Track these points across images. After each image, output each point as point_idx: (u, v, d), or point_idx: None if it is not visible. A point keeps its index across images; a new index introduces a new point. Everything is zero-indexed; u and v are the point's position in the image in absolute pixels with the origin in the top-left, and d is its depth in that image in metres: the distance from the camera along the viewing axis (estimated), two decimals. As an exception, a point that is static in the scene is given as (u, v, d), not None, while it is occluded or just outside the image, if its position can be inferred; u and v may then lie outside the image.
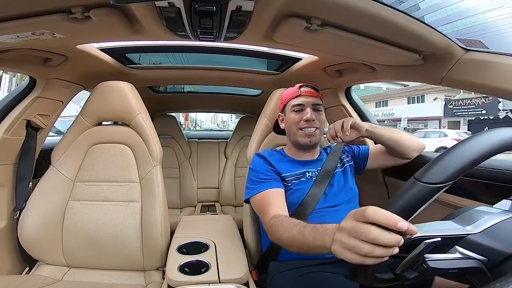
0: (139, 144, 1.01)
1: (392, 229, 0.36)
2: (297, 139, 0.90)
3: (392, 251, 0.37)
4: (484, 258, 0.39)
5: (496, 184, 0.75)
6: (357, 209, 0.41)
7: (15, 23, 0.62)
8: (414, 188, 0.39)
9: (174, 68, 1.42)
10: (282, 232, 0.64)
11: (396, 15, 0.62)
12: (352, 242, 0.39)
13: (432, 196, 0.38)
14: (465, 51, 0.74)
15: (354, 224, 0.40)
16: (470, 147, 0.40)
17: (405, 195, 0.39)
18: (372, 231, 0.37)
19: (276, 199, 0.80)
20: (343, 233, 0.42)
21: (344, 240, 0.41)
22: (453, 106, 13.10)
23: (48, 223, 0.94)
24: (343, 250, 0.41)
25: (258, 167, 0.88)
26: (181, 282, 0.72)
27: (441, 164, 0.39)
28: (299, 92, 0.90)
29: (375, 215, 0.37)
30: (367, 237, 0.37)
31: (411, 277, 0.41)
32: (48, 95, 1.08)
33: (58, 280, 0.92)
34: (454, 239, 0.40)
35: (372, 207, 0.38)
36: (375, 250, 0.37)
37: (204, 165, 2.15)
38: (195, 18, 0.62)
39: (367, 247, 0.37)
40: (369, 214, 0.37)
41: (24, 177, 1.04)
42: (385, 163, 1.00)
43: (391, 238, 0.36)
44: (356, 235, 0.39)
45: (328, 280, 0.74)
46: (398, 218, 0.36)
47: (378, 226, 0.37)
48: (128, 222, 0.96)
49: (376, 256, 0.37)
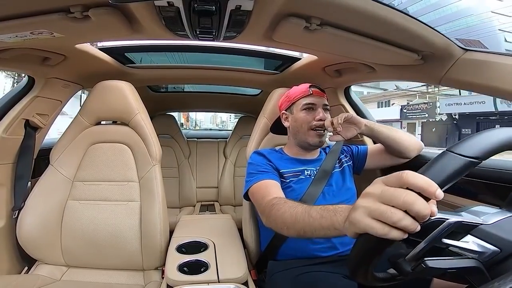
0: (138, 144, 1.00)
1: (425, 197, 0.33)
2: (306, 139, 0.90)
3: (417, 226, 0.33)
4: (497, 248, 0.39)
5: (496, 184, 0.75)
6: (387, 175, 0.37)
7: (14, 22, 0.62)
8: (448, 159, 0.37)
9: (173, 68, 1.41)
10: (285, 210, 0.60)
11: (396, 15, 0.62)
12: (382, 207, 0.34)
13: (465, 171, 0.37)
14: (464, 51, 0.74)
15: (387, 188, 0.35)
16: (503, 132, 0.40)
17: (437, 166, 0.37)
18: (410, 194, 0.32)
19: (275, 187, 0.79)
20: (370, 198, 0.36)
21: (371, 205, 0.35)
22: (407, 110, 14.64)
23: (47, 222, 0.94)
24: (367, 218, 0.35)
25: (257, 161, 0.89)
26: (180, 282, 0.72)
27: (478, 139, 0.39)
28: (310, 92, 0.90)
29: (414, 178, 0.33)
30: (404, 200, 0.32)
31: (410, 273, 0.41)
32: (47, 95, 1.08)
33: (57, 279, 0.92)
34: (468, 227, 0.40)
35: (409, 171, 0.34)
36: (406, 219, 0.32)
37: (203, 165, 2.15)
38: (194, 18, 0.62)
39: (399, 213, 0.33)
40: (408, 176, 0.33)
41: (22, 177, 1.04)
42: (384, 163, 1.00)
43: (426, 206, 0.32)
44: (389, 199, 0.34)
45: (326, 280, 0.74)
46: (436, 185, 0.33)
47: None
48: (127, 221, 0.96)
49: (403, 228, 0.33)
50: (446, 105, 12.84)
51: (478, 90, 0.77)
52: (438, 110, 13.04)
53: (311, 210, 0.52)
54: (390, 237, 0.33)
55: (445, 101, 13.15)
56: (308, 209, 0.54)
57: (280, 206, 0.63)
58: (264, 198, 0.73)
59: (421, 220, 0.33)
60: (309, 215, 0.52)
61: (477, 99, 11.52)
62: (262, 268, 0.90)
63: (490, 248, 0.39)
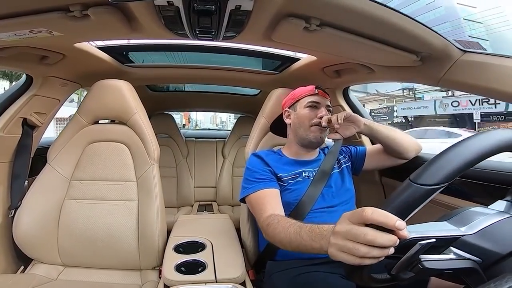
0: (136, 143, 1.00)
1: (388, 229, 0.36)
2: (307, 135, 0.91)
3: (388, 251, 0.37)
4: (478, 259, 0.39)
5: (491, 185, 0.76)
6: (352, 211, 0.41)
7: (13, 21, 0.61)
8: (410, 189, 0.39)
9: (172, 67, 1.41)
10: (279, 231, 0.64)
11: (395, 16, 0.62)
12: (348, 245, 0.39)
13: (427, 198, 0.39)
14: (463, 53, 0.75)
15: (350, 227, 0.40)
16: (464, 149, 0.40)
17: (400, 197, 0.40)
18: (369, 232, 0.37)
19: (272, 198, 0.80)
20: (338, 236, 0.42)
21: (339, 243, 0.41)
22: (374, 114, 16.18)
23: (43, 221, 0.94)
24: (340, 253, 0.41)
25: (255, 166, 0.88)
26: (177, 282, 0.72)
27: (436, 166, 0.40)
28: (316, 91, 0.92)
29: (373, 215, 0.37)
30: (364, 239, 0.37)
31: (406, 277, 0.42)
32: (45, 93, 1.07)
33: (53, 279, 0.91)
34: (449, 240, 0.40)
35: (370, 207, 0.38)
36: (372, 251, 0.37)
37: (201, 165, 2.14)
38: (194, 17, 0.62)
39: (363, 249, 0.37)
40: (367, 214, 0.37)
41: (19, 175, 1.03)
42: (382, 164, 1.00)
43: (387, 238, 0.36)
44: (352, 237, 0.39)
45: (324, 280, 0.74)
46: (396, 217, 0.36)
47: (374, 227, 0.37)
48: (125, 221, 0.95)
49: (372, 257, 0.37)
50: (402, 109, 15.03)
51: (476, 91, 0.78)
52: (395, 113, 15.37)
53: (302, 232, 0.56)
54: (364, 264, 0.38)
55: (401, 105, 15.28)
56: (299, 230, 0.57)
57: (275, 226, 0.66)
58: (261, 215, 0.76)
59: (390, 247, 0.37)
60: (301, 237, 0.56)
61: (423, 104, 13.67)
62: (261, 269, 0.90)
63: (471, 259, 0.39)
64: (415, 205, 0.39)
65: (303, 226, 0.57)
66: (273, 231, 0.66)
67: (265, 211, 0.75)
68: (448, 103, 12.18)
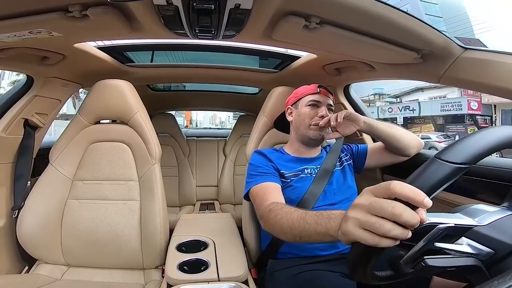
0: (137, 143, 1.00)
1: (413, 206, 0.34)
2: (307, 133, 0.91)
3: (408, 233, 0.34)
4: (491, 250, 0.38)
5: (494, 182, 0.76)
6: (375, 185, 0.37)
7: (12, 22, 0.61)
8: (436, 166, 0.37)
9: (173, 66, 1.41)
10: (281, 216, 0.61)
11: (395, 14, 0.62)
12: (371, 219, 0.35)
13: (453, 177, 0.37)
14: (464, 50, 0.74)
15: (374, 199, 0.36)
16: (490, 134, 0.40)
17: (425, 173, 0.37)
18: (397, 205, 0.33)
19: (275, 190, 0.80)
20: (359, 210, 0.37)
21: (360, 217, 0.36)
22: None
23: (47, 222, 0.94)
24: (358, 229, 0.36)
25: (258, 161, 0.89)
26: (180, 281, 0.73)
27: (463, 145, 0.39)
28: (318, 90, 0.92)
29: (401, 189, 0.33)
30: (392, 212, 0.33)
31: (409, 273, 0.42)
32: (45, 94, 1.07)
33: (58, 279, 0.92)
34: (463, 229, 0.40)
35: (396, 181, 0.35)
36: (395, 229, 0.33)
37: (203, 164, 2.15)
38: (193, 16, 0.62)
39: (388, 225, 0.33)
40: (395, 187, 0.34)
41: (22, 176, 1.04)
42: (383, 161, 1.00)
43: (414, 215, 0.33)
44: (377, 210, 0.35)
45: (326, 278, 0.74)
46: (424, 194, 0.33)
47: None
48: (127, 220, 0.96)
49: (393, 237, 0.34)
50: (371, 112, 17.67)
51: (478, 88, 0.77)
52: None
53: (307, 216, 0.53)
54: (381, 245, 0.35)
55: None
56: (303, 215, 0.54)
57: (277, 212, 0.64)
58: (262, 203, 0.75)
59: (411, 228, 0.34)
60: (305, 221, 0.52)
61: (372, 110, 14.97)
62: (262, 267, 0.90)
63: (484, 250, 0.39)
64: (440, 183, 0.36)
65: (309, 212, 0.55)
66: (274, 217, 0.64)
67: (267, 200, 0.74)
68: (386, 109, 16.06)
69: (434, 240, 0.38)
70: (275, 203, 0.70)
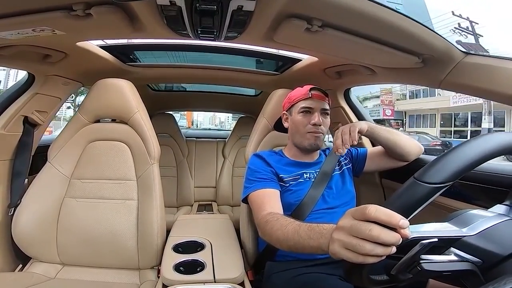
0: (137, 142, 1.00)
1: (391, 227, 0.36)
2: (303, 141, 0.90)
3: (391, 250, 0.36)
4: (479, 260, 0.39)
5: (490, 188, 0.76)
6: (355, 208, 0.40)
7: (16, 19, 0.62)
8: (414, 187, 0.39)
9: (174, 67, 1.41)
10: (277, 229, 0.63)
11: (397, 18, 0.62)
12: (352, 241, 0.38)
13: (431, 196, 0.38)
14: (465, 55, 0.74)
15: (354, 222, 0.39)
16: (469, 149, 0.40)
17: (404, 195, 0.39)
18: (374, 228, 0.36)
19: (272, 198, 0.80)
20: (341, 232, 0.40)
21: (343, 239, 0.39)
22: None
23: (43, 220, 0.93)
24: (343, 249, 0.40)
25: (256, 166, 0.88)
26: (176, 281, 0.72)
27: (441, 165, 0.39)
28: (309, 95, 0.89)
29: (376, 213, 0.36)
30: (369, 235, 0.36)
31: (405, 279, 0.42)
32: (46, 92, 1.07)
33: (52, 277, 0.91)
34: (450, 241, 0.40)
35: (373, 205, 0.37)
36: (376, 249, 0.36)
37: (201, 164, 2.14)
38: (196, 17, 0.62)
39: (368, 246, 0.36)
40: (370, 212, 0.37)
41: (20, 173, 1.03)
42: (383, 166, 1.00)
43: (392, 235, 0.36)
44: (356, 233, 0.38)
45: (323, 281, 0.74)
46: (399, 216, 0.35)
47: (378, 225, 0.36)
48: (124, 220, 0.95)
49: (376, 255, 0.37)
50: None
51: (478, 94, 0.77)
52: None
53: (300, 230, 0.55)
54: (367, 262, 0.37)
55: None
56: (297, 228, 0.57)
57: (273, 224, 0.66)
58: (259, 213, 0.75)
59: (393, 245, 0.36)
60: (299, 235, 0.55)
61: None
62: (260, 269, 0.90)
63: (472, 260, 0.39)
64: (419, 203, 0.38)
65: (302, 225, 0.57)
66: (270, 228, 0.66)
67: (264, 209, 0.75)
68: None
69: (420, 253, 0.38)
70: (271, 214, 0.71)
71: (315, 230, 0.51)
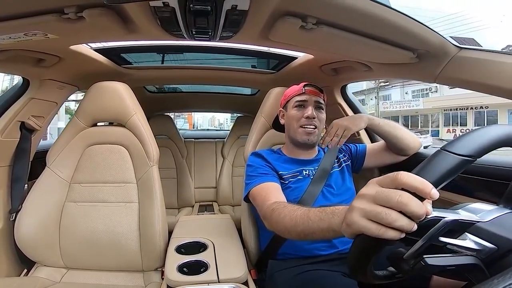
0: (135, 145, 1.00)
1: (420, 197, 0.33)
2: (296, 136, 0.91)
3: (413, 225, 0.33)
4: (494, 246, 0.39)
5: (492, 181, 0.76)
6: (382, 176, 0.37)
7: (7, 24, 0.61)
8: (443, 158, 0.37)
9: (170, 68, 1.41)
10: (285, 215, 0.61)
11: (391, 14, 0.62)
12: (377, 209, 0.34)
13: (459, 169, 0.37)
14: (459, 49, 0.75)
15: (381, 189, 0.35)
16: (496, 129, 0.41)
17: (433, 165, 0.37)
18: (404, 195, 0.32)
19: (276, 190, 0.80)
20: (365, 200, 0.36)
21: (366, 207, 0.35)
22: None
23: (45, 224, 0.94)
24: (363, 219, 0.35)
25: (256, 163, 0.89)
26: (180, 282, 0.72)
27: (470, 138, 0.39)
28: (303, 90, 0.91)
29: (409, 179, 0.33)
30: (398, 201, 0.32)
31: (409, 272, 0.42)
32: (42, 96, 1.07)
33: (57, 281, 0.91)
34: (465, 225, 0.40)
35: (404, 172, 0.34)
36: (401, 219, 0.33)
37: (201, 165, 2.14)
38: (190, 18, 0.62)
39: (394, 214, 0.33)
40: (402, 177, 0.33)
41: (19, 179, 1.03)
42: (382, 161, 1.01)
43: (421, 205, 0.32)
44: (383, 200, 0.34)
45: (326, 278, 0.74)
46: (431, 185, 0.33)
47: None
48: (126, 223, 0.96)
49: (399, 228, 0.33)
50: None
51: (473, 87, 0.78)
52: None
53: (310, 213, 0.53)
54: (386, 237, 0.33)
55: None
56: (307, 212, 0.54)
57: (280, 211, 0.63)
58: (264, 203, 0.74)
59: (417, 219, 0.33)
60: (308, 218, 0.52)
61: None
62: (262, 268, 0.90)
63: (487, 246, 0.39)
64: (447, 175, 0.36)
65: (312, 209, 0.54)
66: (277, 216, 0.63)
67: (269, 199, 0.74)
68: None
69: (439, 235, 0.38)
70: (278, 202, 0.70)
71: (326, 211, 0.48)
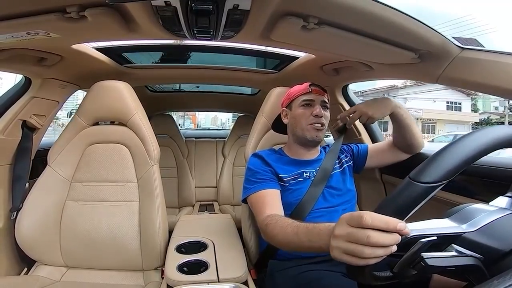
0: (136, 144, 1.00)
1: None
2: (304, 134, 0.90)
3: (391, 249, 0.37)
4: (480, 256, 0.39)
5: (491, 181, 0.76)
6: (350, 214, 0.41)
7: (9, 22, 0.61)
8: (410, 188, 0.39)
9: (171, 67, 1.41)
10: (277, 232, 0.64)
11: (393, 14, 0.62)
12: (351, 247, 0.39)
13: (427, 196, 0.39)
14: (461, 50, 0.74)
15: (350, 230, 0.40)
16: (464, 145, 0.40)
17: (400, 196, 0.39)
18: (371, 235, 0.37)
19: (272, 199, 0.80)
20: (339, 240, 0.41)
21: (342, 246, 0.40)
22: None
23: (45, 223, 0.94)
24: (344, 255, 0.41)
25: (256, 166, 0.88)
26: (180, 282, 0.72)
27: (436, 164, 0.39)
28: (309, 89, 0.91)
29: (373, 222, 0.37)
30: (367, 241, 0.37)
31: (409, 275, 0.42)
32: (43, 95, 1.07)
33: (57, 280, 0.92)
34: (450, 238, 0.40)
35: (368, 213, 0.38)
36: (376, 251, 0.37)
37: (202, 164, 2.14)
38: (191, 17, 0.62)
39: (367, 250, 0.37)
40: (366, 221, 0.37)
41: (20, 178, 1.03)
42: (384, 161, 1.00)
43: (391, 238, 0.37)
44: (355, 240, 0.39)
45: (326, 278, 0.74)
46: (396, 221, 0.36)
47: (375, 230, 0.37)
48: (126, 222, 0.96)
49: (377, 256, 0.38)
50: None
51: (475, 88, 0.78)
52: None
53: (299, 232, 0.56)
54: (369, 263, 0.38)
55: None
56: (296, 230, 0.58)
57: (273, 227, 0.67)
58: (259, 215, 0.76)
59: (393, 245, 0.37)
60: (299, 238, 0.56)
61: None
62: (262, 267, 0.90)
63: (473, 256, 0.39)
64: (415, 203, 0.39)
65: (300, 226, 0.57)
66: (271, 231, 0.67)
67: (264, 212, 0.75)
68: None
69: (420, 251, 0.39)
70: (270, 216, 0.72)
71: (313, 233, 0.52)
